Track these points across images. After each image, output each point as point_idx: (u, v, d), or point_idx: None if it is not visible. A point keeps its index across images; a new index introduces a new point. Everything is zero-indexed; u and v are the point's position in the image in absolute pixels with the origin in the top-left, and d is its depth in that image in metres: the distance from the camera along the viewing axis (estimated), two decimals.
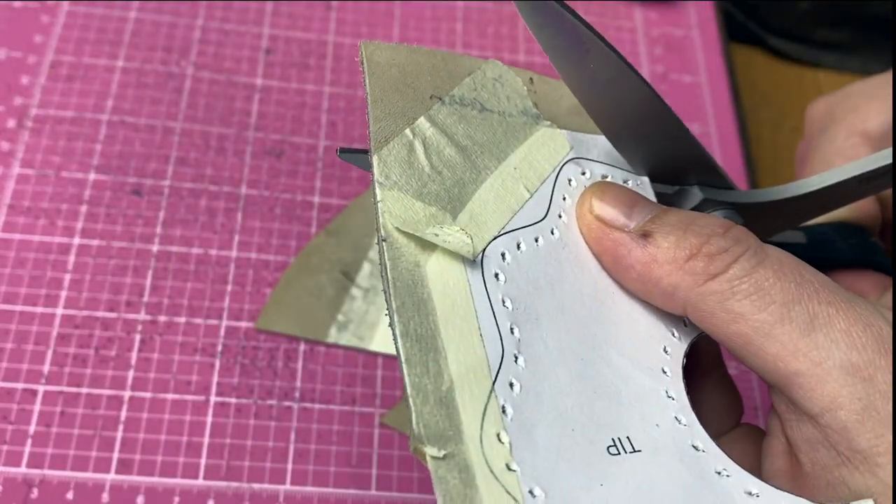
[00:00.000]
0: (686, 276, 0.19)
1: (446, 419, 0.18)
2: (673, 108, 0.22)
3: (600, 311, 0.21)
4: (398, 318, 0.18)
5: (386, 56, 0.22)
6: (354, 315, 0.37)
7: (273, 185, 0.40)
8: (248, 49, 0.44)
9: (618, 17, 0.49)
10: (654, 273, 0.20)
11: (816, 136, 0.28)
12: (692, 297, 0.19)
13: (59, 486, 0.31)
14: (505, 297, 0.20)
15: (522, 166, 0.22)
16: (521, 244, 0.21)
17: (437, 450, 0.17)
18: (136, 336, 0.35)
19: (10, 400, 0.33)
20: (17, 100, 0.40)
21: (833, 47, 0.56)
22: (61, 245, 0.36)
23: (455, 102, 0.22)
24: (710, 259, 0.19)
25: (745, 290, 0.18)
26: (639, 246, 0.20)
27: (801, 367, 0.18)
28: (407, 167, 0.21)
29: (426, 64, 0.22)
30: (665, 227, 0.20)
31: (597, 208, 0.21)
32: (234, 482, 0.32)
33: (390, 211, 0.20)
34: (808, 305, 0.18)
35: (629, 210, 0.20)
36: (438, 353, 0.18)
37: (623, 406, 0.20)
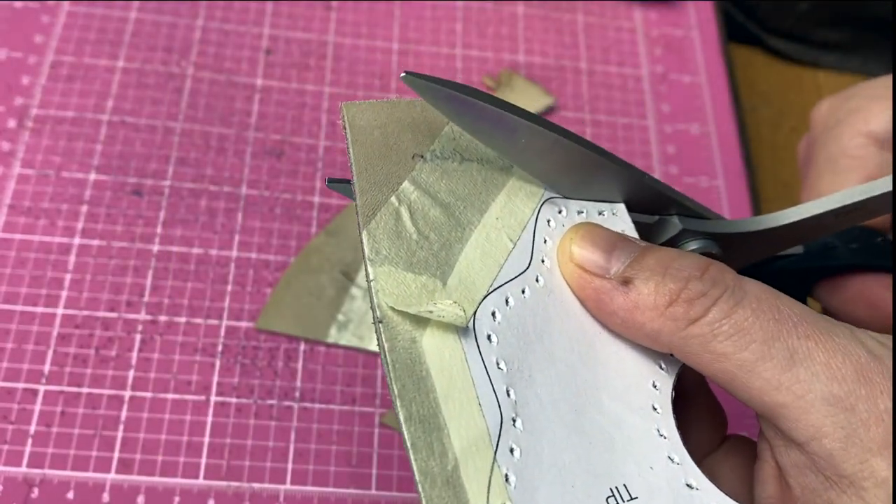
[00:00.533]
0: (668, 322, 0.20)
1: (454, 499, 0.18)
2: (672, 109, 0.22)
3: (588, 354, 0.21)
4: (401, 402, 0.19)
5: (367, 118, 0.22)
6: (354, 315, 0.37)
7: (273, 185, 0.40)
8: (248, 49, 0.44)
9: (617, 18, 0.49)
10: (637, 319, 0.20)
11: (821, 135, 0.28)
12: (675, 341, 0.20)
13: (60, 486, 0.31)
14: (499, 359, 0.20)
15: (504, 215, 0.22)
16: (510, 299, 0.21)
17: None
18: (136, 336, 0.35)
19: (11, 400, 0.33)
20: (18, 100, 0.40)
21: (832, 47, 0.56)
22: (62, 245, 0.36)
23: (436, 157, 0.23)
24: (689, 304, 0.19)
25: (726, 332, 0.19)
26: (620, 293, 0.20)
27: (785, 400, 0.18)
28: (395, 238, 0.21)
29: (407, 119, 0.23)
30: (644, 273, 0.20)
31: (577, 256, 0.21)
32: (235, 482, 0.32)
33: (384, 289, 0.20)
34: (788, 341, 0.19)
35: (608, 255, 0.21)
36: (441, 432, 0.19)
37: (618, 453, 0.20)
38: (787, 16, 0.54)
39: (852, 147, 0.26)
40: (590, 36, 0.48)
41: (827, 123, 0.27)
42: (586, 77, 0.46)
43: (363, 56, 0.45)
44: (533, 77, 0.46)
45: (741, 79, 0.51)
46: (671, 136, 0.45)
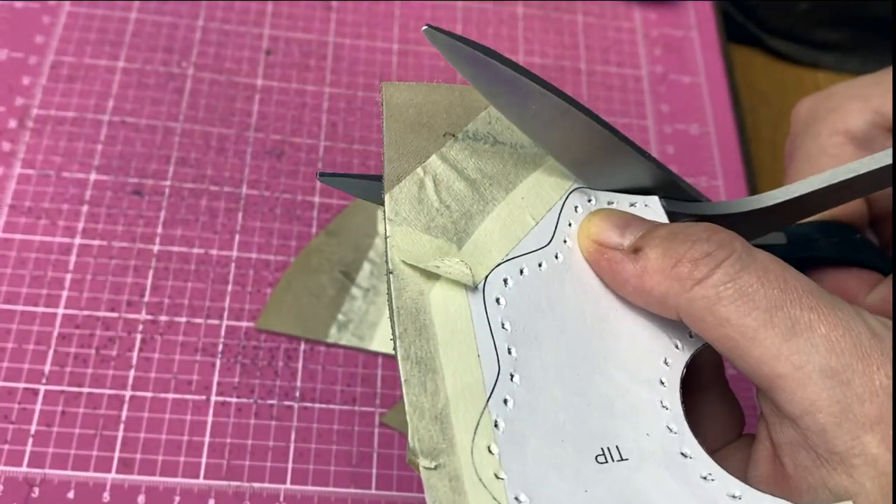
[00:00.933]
0: (674, 283, 0.20)
1: (440, 433, 0.19)
2: (672, 109, 0.22)
3: (602, 328, 0.22)
4: (400, 342, 0.20)
5: (404, 96, 0.24)
6: (354, 315, 0.37)
7: (273, 185, 0.40)
8: (248, 50, 0.44)
9: (617, 18, 0.49)
10: (646, 284, 0.21)
11: (801, 133, 0.28)
12: (682, 302, 0.20)
13: (60, 486, 0.31)
14: (505, 320, 0.21)
15: (529, 196, 0.23)
16: (525, 269, 0.22)
17: (429, 461, 0.19)
18: (136, 336, 0.35)
19: (12, 399, 0.33)
20: (19, 100, 0.40)
21: (832, 48, 0.56)
22: (62, 245, 0.36)
23: (468, 138, 0.24)
24: (694, 264, 0.20)
25: (730, 296, 0.19)
26: (631, 261, 0.21)
27: (783, 371, 0.19)
28: (416, 203, 0.22)
29: (444, 101, 0.24)
30: (654, 240, 0.21)
31: (593, 231, 0.22)
32: (235, 481, 0.33)
33: (398, 246, 0.21)
34: (791, 311, 0.19)
35: (622, 230, 0.22)
36: (436, 374, 0.20)
37: (616, 417, 0.21)
38: (787, 16, 0.54)
39: (830, 146, 0.26)
40: (589, 36, 0.48)
41: (805, 121, 0.28)
42: (586, 77, 0.46)
43: (363, 56, 0.45)
44: None
45: (741, 79, 0.51)
46: (671, 137, 0.45)
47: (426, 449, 0.19)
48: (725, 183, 0.44)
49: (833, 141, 0.26)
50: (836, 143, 0.26)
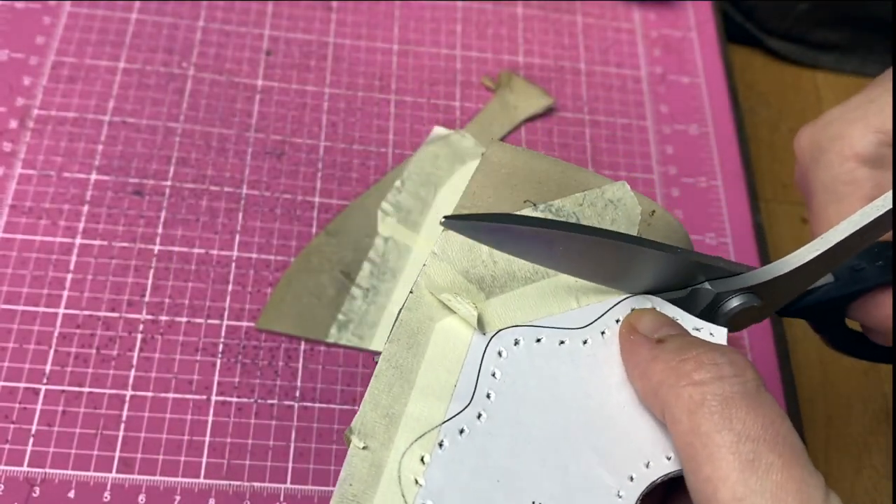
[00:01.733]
0: (671, 375, 0.20)
1: (383, 428, 0.21)
2: (671, 109, 0.22)
3: (601, 419, 0.22)
4: (388, 344, 0.22)
5: (504, 157, 0.24)
6: (354, 315, 0.37)
7: (274, 185, 0.40)
8: (248, 50, 0.44)
9: (616, 19, 0.49)
10: (651, 369, 0.21)
11: (810, 166, 0.28)
12: (670, 397, 0.20)
13: (61, 485, 0.32)
14: (497, 369, 0.22)
15: (587, 284, 0.24)
16: (543, 339, 0.23)
17: (360, 441, 0.21)
18: (137, 335, 0.35)
19: (13, 399, 0.33)
20: (20, 101, 0.40)
21: (831, 48, 0.56)
22: (63, 245, 0.37)
23: (549, 211, 0.24)
24: (698, 366, 0.20)
25: (713, 408, 0.19)
26: (650, 347, 0.22)
27: (723, 497, 0.18)
28: (467, 249, 0.23)
29: (541, 171, 0.24)
30: (677, 338, 0.21)
31: (633, 319, 0.23)
32: (235, 481, 0.33)
33: (429, 276, 0.23)
34: (760, 448, 0.19)
35: (659, 326, 0.22)
36: (407, 384, 0.22)
37: (563, 486, 0.21)
38: (786, 17, 0.54)
39: (843, 173, 0.27)
40: (589, 37, 0.48)
41: (812, 153, 0.28)
42: (585, 78, 0.47)
43: (363, 57, 0.45)
44: (532, 78, 0.46)
45: (740, 79, 0.51)
46: (670, 137, 0.45)
47: (364, 432, 0.21)
48: (724, 183, 0.44)
49: (846, 168, 0.26)
50: (849, 170, 0.26)
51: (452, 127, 0.43)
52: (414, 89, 0.44)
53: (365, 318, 0.37)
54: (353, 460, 0.21)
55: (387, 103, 0.44)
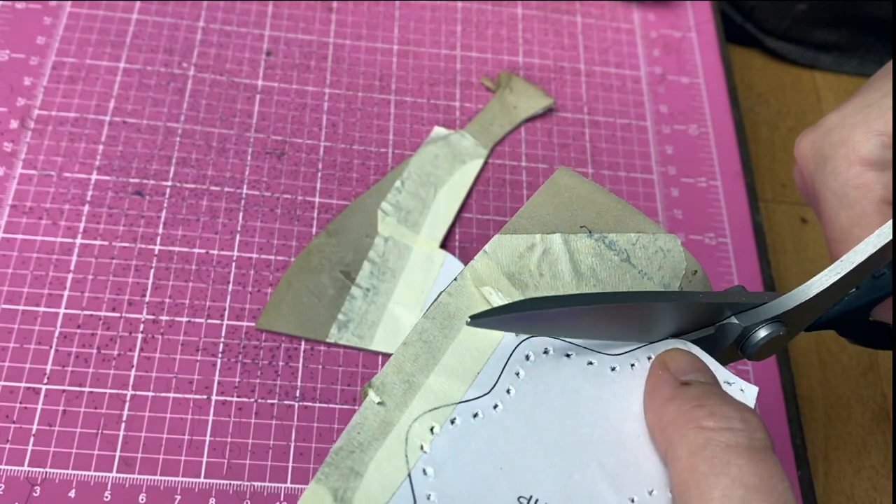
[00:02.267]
0: (682, 417, 0.21)
1: (401, 392, 0.22)
2: (671, 109, 0.23)
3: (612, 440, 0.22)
4: (422, 320, 0.23)
5: (569, 182, 0.25)
6: (355, 314, 0.37)
7: (274, 185, 0.40)
8: (249, 51, 0.44)
9: (616, 19, 0.49)
10: (666, 408, 0.21)
11: (815, 173, 0.28)
12: (676, 436, 0.21)
13: (62, 485, 0.32)
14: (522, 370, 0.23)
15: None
16: (572, 356, 0.23)
17: (377, 397, 0.22)
18: (138, 335, 0.35)
19: (13, 399, 0.33)
20: (20, 101, 0.40)
21: (830, 48, 0.56)
22: (64, 245, 0.37)
23: (602, 241, 0.25)
24: (710, 414, 0.20)
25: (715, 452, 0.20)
26: (673, 387, 0.22)
27: None
28: (516, 257, 0.24)
29: (602, 203, 0.25)
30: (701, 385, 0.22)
31: (667, 356, 0.23)
32: (236, 480, 0.33)
33: (475, 269, 0.24)
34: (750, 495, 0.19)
35: (690, 370, 0.23)
36: (433, 359, 0.22)
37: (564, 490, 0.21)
38: (785, 17, 0.54)
39: (853, 177, 0.27)
40: (588, 37, 0.48)
41: (816, 160, 0.28)
42: (585, 78, 0.47)
43: (363, 57, 0.45)
44: (532, 78, 0.46)
45: (739, 80, 0.51)
46: (669, 137, 0.45)
47: (382, 389, 0.22)
48: (723, 183, 0.44)
49: (854, 172, 0.27)
50: (857, 174, 0.27)
51: (452, 127, 0.43)
52: (414, 89, 0.44)
53: (365, 317, 0.37)
54: (366, 412, 0.21)
55: (387, 103, 0.44)
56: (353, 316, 0.37)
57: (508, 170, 0.43)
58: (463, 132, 0.43)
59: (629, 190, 0.43)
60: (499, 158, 0.43)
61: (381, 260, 0.38)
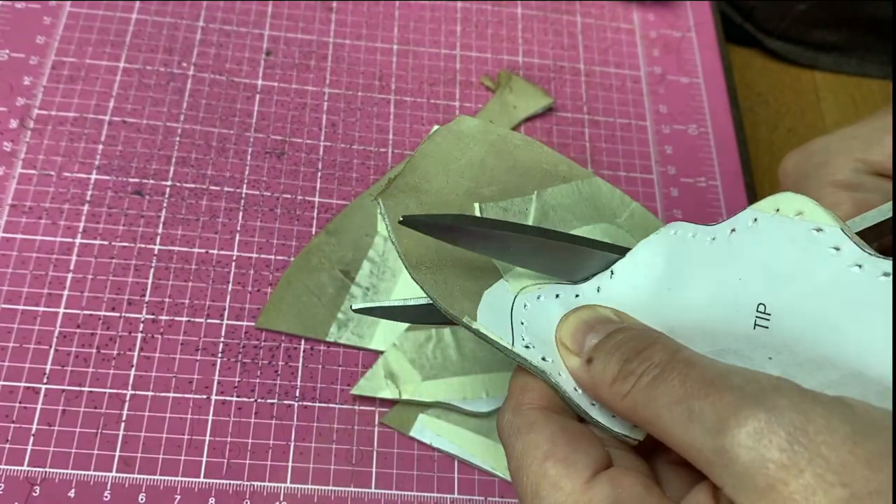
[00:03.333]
0: (613, 397, 0.21)
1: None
2: (670, 109, 0.23)
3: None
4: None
5: (459, 143, 0.27)
6: (354, 314, 0.37)
7: (274, 185, 0.40)
8: (248, 50, 0.44)
9: (616, 19, 0.49)
10: (598, 394, 0.22)
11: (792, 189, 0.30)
12: (623, 412, 0.21)
13: (61, 485, 0.32)
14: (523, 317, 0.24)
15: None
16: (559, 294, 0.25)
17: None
18: (137, 335, 0.35)
19: (13, 398, 0.33)
20: (20, 100, 0.40)
21: (829, 49, 0.56)
22: (63, 245, 0.37)
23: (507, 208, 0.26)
24: (623, 381, 0.21)
25: (642, 403, 0.20)
26: (585, 371, 0.22)
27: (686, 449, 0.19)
28: (417, 346, 0.30)
29: (496, 172, 0.26)
30: (601, 354, 0.22)
31: (560, 334, 0.23)
32: (236, 480, 0.33)
33: (386, 360, 0.27)
34: (689, 403, 0.19)
35: (584, 334, 0.23)
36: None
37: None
38: (784, 17, 0.54)
39: (825, 195, 0.29)
40: (588, 37, 0.48)
41: (797, 177, 0.30)
42: (585, 78, 0.47)
43: (363, 57, 0.45)
44: (532, 78, 0.46)
45: (739, 80, 0.51)
46: (669, 137, 0.45)
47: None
48: (723, 183, 0.44)
49: (827, 192, 0.29)
50: (830, 193, 0.29)
51: None
52: (414, 89, 0.44)
53: (365, 316, 0.37)
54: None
55: (387, 103, 0.44)
56: (353, 315, 0.37)
57: None
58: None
59: (629, 190, 0.43)
60: None
61: (381, 259, 0.38)
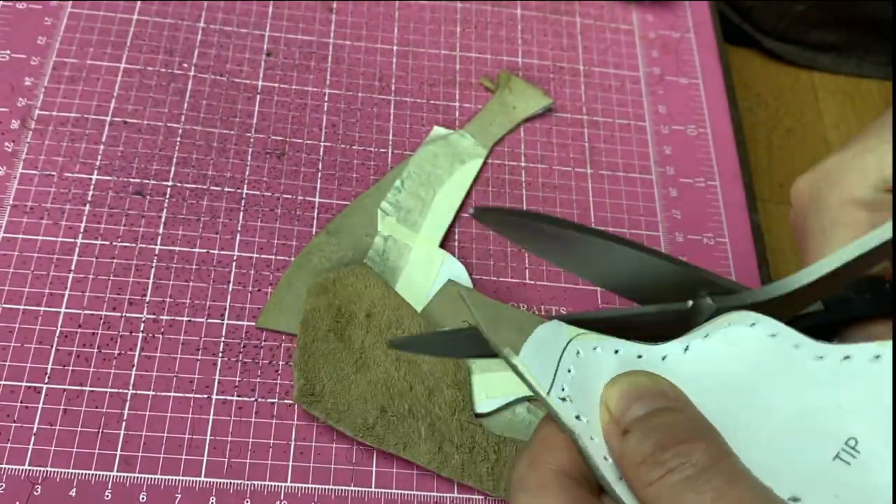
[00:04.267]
0: (636, 478, 0.20)
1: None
2: (669, 110, 0.23)
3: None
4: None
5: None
6: None
7: (274, 185, 0.40)
8: (249, 51, 0.44)
9: (615, 20, 0.49)
10: (622, 465, 0.21)
11: (808, 210, 0.30)
12: (640, 494, 0.20)
13: (62, 484, 0.32)
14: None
15: None
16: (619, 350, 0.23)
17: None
18: (138, 335, 0.35)
19: (14, 398, 0.33)
20: (21, 101, 0.40)
21: (828, 49, 0.56)
22: (64, 245, 0.37)
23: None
24: (652, 467, 0.20)
25: (667, 499, 0.19)
26: (618, 439, 0.21)
27: None
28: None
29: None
30: (640, 429, 0.21)
31: (605, 395, 0.22)
32: (236, 479, 0.33)
33: None
34: None
35: (628, 403, 0.21)
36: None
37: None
38: (783, 17, 0.55)
39: (842, 215, 0.28)
40: (587, 38, 0.48)
41: (812, 198, 0.29)
42: (584, 78, 0.47)
43: (363, 57, 0.45)
44: (531, 78, 0.46)
45: (737, 80, 0.52)
46: (668, 137, 0.45)
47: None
48: (722, 183, 0.44)
49: (845, 211, 0.28)
50: (848, 212, 0.28)
51: (452, 127, 0.44)
52: (414, 90, 0.45)
53: None
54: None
55: (387, 104, 0.44)
56: None
57: (507, 170, 0.43)
58: (462, 132, 0.43)
59: (628, 190, 0.43)
60: (498, 158, 0.43)
61: (381, 259, 0.38)
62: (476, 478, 0.33)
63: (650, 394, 0.21)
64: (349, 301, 0.36)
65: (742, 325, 0.22)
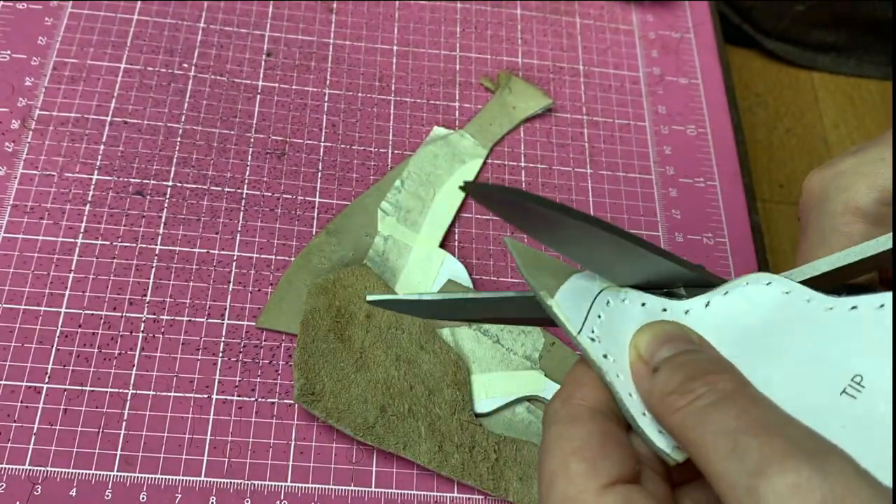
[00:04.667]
0: (663, 408, 0.21)
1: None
2: (669, 110, 0.23)
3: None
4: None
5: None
6: None
7: (274, 185, 0.40)
8: (249, 51, 0.44)
9: (615, 20, 0.49)
10: (650, 402, 0.22)
11: (813, 208, 0.30)
12: (667, 425, 0.21)
13: (63, 484, 0.32)
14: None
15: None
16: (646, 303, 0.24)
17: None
18: (139, 335, 0.35)
19: (14, 398, 0.33)
20: (21, 101, 0.40)
21: (828, 49, 0.56)
22: (65, 245, 0.37)
23: (478, 329, 0.28)
24: (680, 396, 0.21)
25: (692, 423, 0.20)
26: (647, 379, 0.22)
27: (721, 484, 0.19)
28: None
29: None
30: (668, 366, 0.22)
31: (635, 339, 0.23)
32: (236, 479, 0.33)
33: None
34: (735, 437, 0.19)
35: (659, 345, 0.22)
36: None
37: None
38: (783, 18, 0.55)
39: (842, 224, 0.28)
40: (587, 38, 0.48)
41: (820, 197, 0.30)
42: (584, 79, 0.47)
43: (363, 58, 0.45)
44: (531, 79, 0.46)
45: (737, 80, 0.52)
46: (668, 138, 0.45)
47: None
48: (721, 183, 0.44)
49: (845, 219, 0.28)
50: (847, 222, 0.28)
51: (452, 127, 0.44)
52: (414, 90, 0.45)
53: None
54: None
55: (387, 104, 0.44)
56: None
57: (507, 170, 0.43)
58: (462, 132, 0.43)
59: (628, 190, 0.43)
60: (498, 159, 0.43)
61: (381, 259, 0.38)
62: (476, 477, 0.33)
63: (678, 338, 0.23)
64: (349, 301, 0.36)
65: (759, 283, 0.24)
